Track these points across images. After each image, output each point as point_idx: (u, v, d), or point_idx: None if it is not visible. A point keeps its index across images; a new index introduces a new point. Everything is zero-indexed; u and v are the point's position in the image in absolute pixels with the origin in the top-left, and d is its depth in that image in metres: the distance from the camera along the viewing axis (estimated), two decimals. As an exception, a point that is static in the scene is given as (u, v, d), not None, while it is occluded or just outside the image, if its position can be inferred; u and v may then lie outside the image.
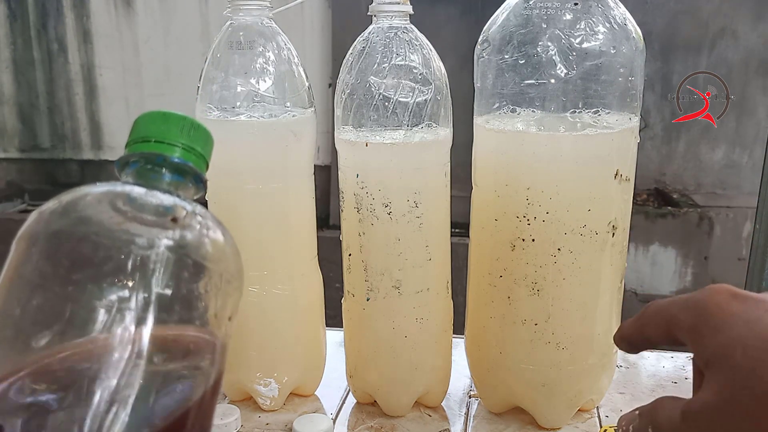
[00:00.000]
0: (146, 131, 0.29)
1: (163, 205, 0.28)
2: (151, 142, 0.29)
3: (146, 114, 0.30)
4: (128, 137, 0.30)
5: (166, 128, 0.29)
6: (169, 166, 0.29)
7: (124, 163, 0.29)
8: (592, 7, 0.47)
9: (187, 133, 0.29)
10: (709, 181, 2.44)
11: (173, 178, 0.29)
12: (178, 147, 0.29)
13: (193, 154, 0.30)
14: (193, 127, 0.30)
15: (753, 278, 0.57)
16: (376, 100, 0.50)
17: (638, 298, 2.15)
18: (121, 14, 2.68)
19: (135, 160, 0.29)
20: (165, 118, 0.29)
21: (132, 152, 0.29)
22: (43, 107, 2.82)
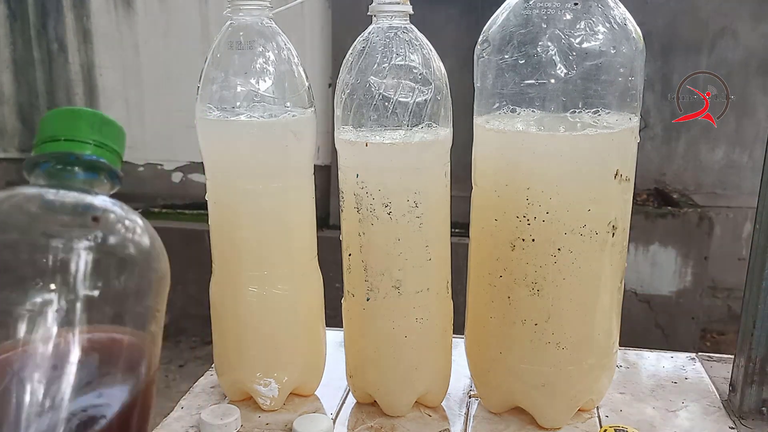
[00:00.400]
0: (55, 130, 0.28)
1: (80, 204, 0.27)
2: (61, 140, 0.28)
3: (54, 111, 0.29)
4: (36, 137, 0.29)
5: (75, 125, 0.28)
6: (82, 164, 0.28)
7: (33, 164, 0.28)
8: (592, 7, 0.47)
9: (98, 129, 0.29)
10: (709, 181, 2.44)
11: (87, 175, 0.28)
12: (90, 144, 0.28)
13: (106, 150, 0.29)
14: (104, 123, 0.29)
15: (753, 278, 0.57)
16: (376, 100, 0.50)
17: (638, 298, 2.15)
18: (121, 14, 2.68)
19: (45, 161, 0.28)
20: (74, 115, 0.28)
21: (41, 153, 0.28)
22: (43, 107, 2.81)
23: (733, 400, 0.59)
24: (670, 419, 0.57)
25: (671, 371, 0.66)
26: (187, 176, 2.74)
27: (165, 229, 2.09)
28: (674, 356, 0.69)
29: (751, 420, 0.57)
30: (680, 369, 0.66)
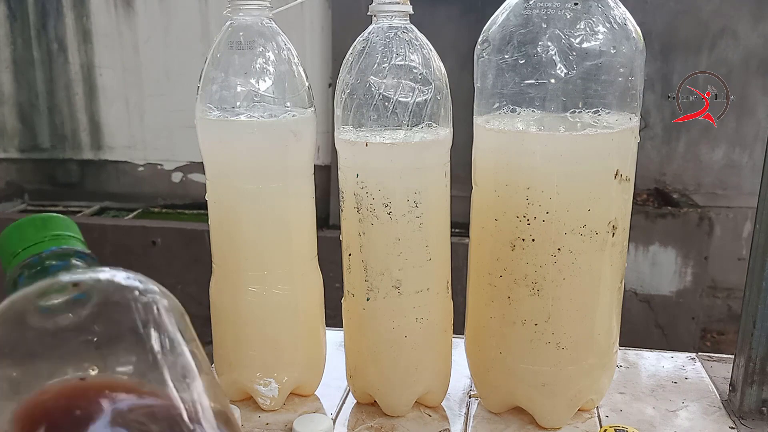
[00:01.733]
0: (11, 247, 0.30)
1: (64, 282, 0.28)
2: (20, 252, 0.29)
3: (2, 234, 0.30)
4: (2, 265, 0.30)
5: (22, 235, 0.30)
6: (47, 259, 0.29)
7: (13, 283, 0.29)
8: (592, 7, 0.47)
9: (42, 226, 0.30)
10: (709, 181, 2.44)
11: (58, 266, 0.29)
12: (44, 241, 0.30)
13: (61, 240, 0.30)
14: (44, 220, 0.30)
15: (753, 278, 0.57)
16: (376, 100, 0.50)
17: (638, 298, 2.15)
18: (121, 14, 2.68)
19: (19, 275, 0.29)
20: (18, 228, 0.30)
21: (11, 272, 0.30)
22: (43, 107, 2.82)
23: (733, 400, 0.59)
24: (670, 419, 0.57)
25: (671, 371, 0.66)
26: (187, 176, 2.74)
27: (165, 229, 2.10)
28: (674, 356, 0.69)
29: (751, 420, 0.57)
30: (680, 369, 0.66)
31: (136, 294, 0.28)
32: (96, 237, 2.33)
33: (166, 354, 0.27)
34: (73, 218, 0.30)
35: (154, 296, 0.28)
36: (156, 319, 0.28)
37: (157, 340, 0.27)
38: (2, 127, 2.86)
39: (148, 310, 0.28)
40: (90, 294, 0.27)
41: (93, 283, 0.28)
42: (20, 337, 0.27)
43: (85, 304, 0.27)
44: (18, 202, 2.89)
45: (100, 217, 2.73)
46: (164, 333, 0.28)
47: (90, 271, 0.29)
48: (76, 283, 0.28)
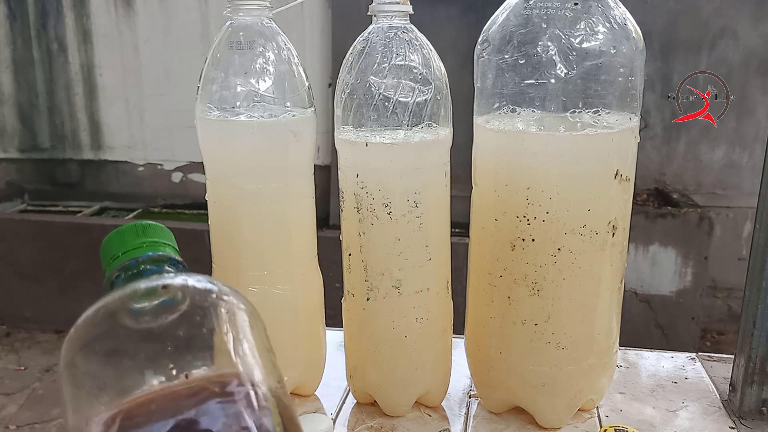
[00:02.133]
0: (111, 250, 0.32)
1: (154, 286, 0.30)
2: (119, 255, 0.31)
3: (105, 239, 0.32)
4: (103, 266, 0.32)
5: (123, 240, 0.32)
6: (144, 263, 0.31)
7: (110, 284, 0.31)
8: (592, 7, 0.47)
9: (142, 233, 0.32)
10: (709, 181, 2.44)
11: (152, 270, 0.31)
12: (142, 247, 0.32)
13: (157, 246, 0.32)
14: (144, 228, 0.32)
15: (753, 278, 0.57)
16: (376, 100, 0.50)
17: (638, 298, 2.15)
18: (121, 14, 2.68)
19: (117, 276, 0.31)
20: (119, 234, 0.32)
21: (110, 273, 0.31)
22: (42, 107, 2.82)
23: (733, 400, 0.59)
24: (670, 419, 0.57)
25: (671, 371, 0.66)
26: (187, 176, 2.74)
27: (165, 229, 2.05)
28: (674, 356, 0.69)
29: (751, 420, 0.57)
30: (680, 369, 0.66)
31: (220, 300, 0.30)
32: (96, 237, 2.33)
33: (244, 359, 0.29)
34: (72, 218, 0.31)
35: (236, 303, 0.30)
36: (237, 324, 0.29)
37: (237, 344, 0.29)
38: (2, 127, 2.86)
39: (231, 315, 0.29)
40: (177, 297, 0.29)
41: (181, 287, 0.30)
42: (110, 334, 0.29)
43: (172, 308, 0.29)
44: (18, 202, 2.89)
45: (100, 217, 2.73)
46: (243, 338, 0.30)
47: (179, 276, 0.31)
48: (166, 286, 0.30)
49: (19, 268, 2.39)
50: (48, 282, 2.37)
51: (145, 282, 0.30)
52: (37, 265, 2.38)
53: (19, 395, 1.95)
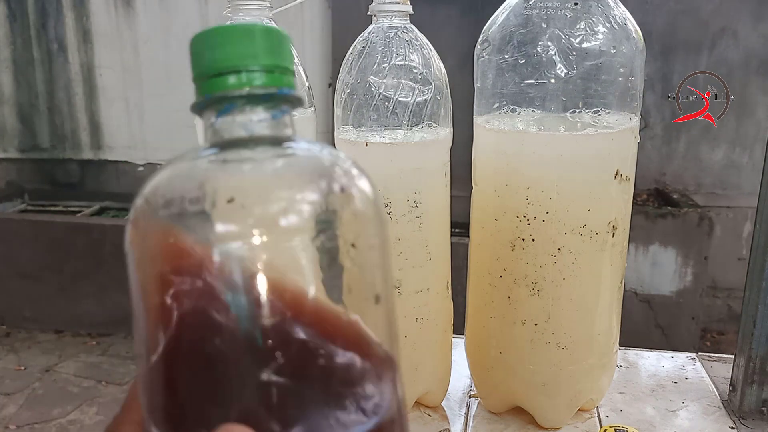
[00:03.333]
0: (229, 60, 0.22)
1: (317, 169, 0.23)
2: (241, 73, 0.21)
3: (221, 30, 0.22)
4: (198, 64, 0.22)
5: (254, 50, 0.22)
6: (276, 101, 0.22)
7: (210, 104, 0.23)
8: (592, 7, 0.47)
9: (277, 49, 0.22)
10: (709, 181, 2.44)
11: (278, 113, 0.23)
12: (275, 73, 0.22)
13: (287, 75, 0.22)
14: (281, 40, 0.22)
15: (753, 278, 0.57)
16: (376, 99, 0.50)
17: (638, 298, 2.15)
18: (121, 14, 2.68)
19: (230, 102, 0.22)
20: (249, 35, 0.22)
21: (220, 90, 0.22)
22: (42, 107, 2.82)
23: (733, 399, 0.59)
24: (670, 419, 0.57)
25: (671, 371, 0.66)
26: (187, 176, 2.74)
27: (165, 229, 2.09)
28: (674, 356, 0.69)
29: (751, 420, 0.57)
30: (680, 369, 0.66)
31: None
32: (96, 237, 2.33)
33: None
34: (72, 218, 0.25)
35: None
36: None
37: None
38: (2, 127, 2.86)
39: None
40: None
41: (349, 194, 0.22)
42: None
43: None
44: (18, 202, 2.89)
45: (100, 217, 2.73)
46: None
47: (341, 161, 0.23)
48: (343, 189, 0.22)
49: (19, 268, 2.39)
50: (48, 282, 2.37)
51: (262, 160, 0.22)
52: (37, 265, 2.38)
53: (19, 395, 1.95)
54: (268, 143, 0.22)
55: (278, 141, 0.22)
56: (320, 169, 0.23)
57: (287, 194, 0.21)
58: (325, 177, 0.22)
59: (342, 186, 0.22)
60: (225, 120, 0.22)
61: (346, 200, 0.22)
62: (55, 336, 2.35)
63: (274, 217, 0.20)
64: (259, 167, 0.22)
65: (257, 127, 0.22)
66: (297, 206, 0.21)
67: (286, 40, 0.22)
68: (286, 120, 0.23)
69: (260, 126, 0.22)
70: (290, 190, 0.21)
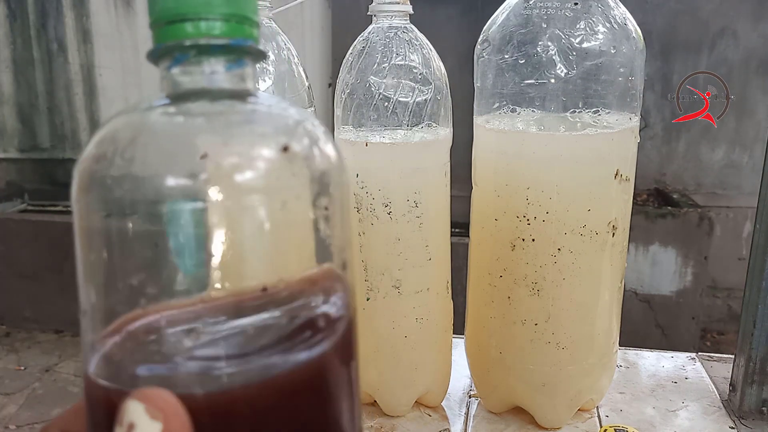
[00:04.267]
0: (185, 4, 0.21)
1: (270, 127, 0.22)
2: (196, 20, 0.20)
3: None
4: (153, 11, 0.21)
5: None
6: (231, 53, 0.21)
7: (163, 53, 0.21)
8: (592, 6, 0.47)
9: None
10: (709, 181, 2.44)
11: (235, 66, 0.22)
12: (232, 22, 0.21)
13: (247, 25, 0.21)
14: None
15: (753, 278, 0.57)
16: (376, 99, 0.50)
17: (638, 298, 2.15)
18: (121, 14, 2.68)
19: (182, 51, 0.21)
20: None
21: (174, 38, 0.21)
22: (42, 107, 2.82)
23: (733, 399, 0.59)
24: (670, 419, 0.57)
25: (671, 371, 0.66)
26: (187, 176, 2.74)
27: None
28: (674, 356, 0.69)
29: (751, 420, 0.57)
30: (680, 369, 0.66)
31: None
32: (96, 237, 2.33)
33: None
34: (72, 218, 0.25)
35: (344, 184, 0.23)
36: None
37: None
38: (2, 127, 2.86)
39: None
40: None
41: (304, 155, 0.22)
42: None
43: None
44: (18, 202, 2.89)
45: (100, 217, 2.73)
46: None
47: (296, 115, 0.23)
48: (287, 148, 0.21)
49: (19, 268, 2.39)
50: (48, 282, 2.37)
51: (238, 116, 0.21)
52: (37, 265, 2.38)
53: (18, 395, 1.95)
54: (226, 96, 0.21)
55: (237, 95, 0.22)
56: (281, 126, 0.22)
57: (241, 150, 0.20)
58: (286, 135, 0.21)
59: (303, 146, 0.22)
60: (177, 70, 0.21)
61: (307, 160, 0.22)
62: (55, 336, 2.35)
63: (227, 174, 0.20)
64: (211, 120, 0.21)
65: (211, 80, 0.21)
66: (251, 163, 0.20)
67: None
68: (245, 72, 0.22)
69: (214, 78, 0.21)
70: (245, 146, 0.21)
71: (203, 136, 0.21)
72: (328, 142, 0.23)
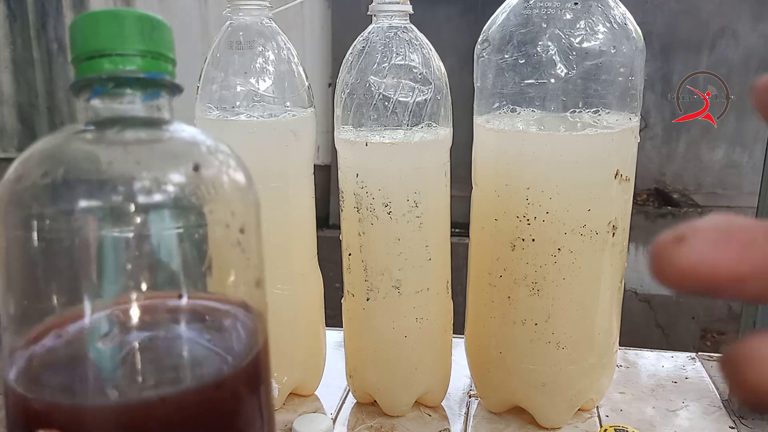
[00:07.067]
0: (101, 41, 0.22)
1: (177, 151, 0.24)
2: (112, 56, 0.22)
3: (89, 15, 0.23)
4: (73, 48, 0.23)
5: (123, 35, 0.23)
6: (144, 85, 0.23)
7: (83, 86, 0.23)
8: (592, 6, 0.47)
9: (149, 35, 0.23)
10: (709, 181, 2.44)
11: (149, 97, 0.24)
12: (147, 57, 0.23)
13: (162, 61, 0.24)
14: (154, 28, 0.24)
15: (753, 278, 0.57)
16: (375, 99, 0.50)
17: (638, 298, 2.15)
18: (121, 14, 2.68)
19: (99, 84, 0.23)
20: (118, 20, 0.23)
21: (92, 72, 0.22)
22: (42, 107, 2.82)
23: (733, 399, 0.59)
24: (670, 419, 0.57)
25: (671, 371, 0.66)
26: (187, 176, 2.74)
27: (165, 229, 2.11)
28: (674, 356, 0.69)
29: (751, 420, 0.57)
30: (680, 368, 0.66)
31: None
32: (96, 237, 2.33)
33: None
34: None
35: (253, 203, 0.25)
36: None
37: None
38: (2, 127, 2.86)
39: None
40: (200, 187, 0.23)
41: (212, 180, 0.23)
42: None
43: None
44: (18, 202, 2.89)
45: (100, 217, 2.73)
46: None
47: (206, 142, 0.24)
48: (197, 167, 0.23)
49: (19, 268, 2.39)
50: (48, 282, 2.37)
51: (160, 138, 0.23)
52: (37, 265, 2.37)
53: (19, 395, 1.95)
54: (141, 125, 0.23)
55: (152, 123, 0.24)
56: (190, 153, 0.24)
57: (149, 175, 0.22)
58: (192, 160, 0.23)
59: (213, 167, 0.24)
60: (96, 101, 0.23)
61: (213, 186, 0.23)
62: (55, 336, 2.35)
63: (134, 195, 0.21)
64: (125, 147, 0.23)
65: (126, 109, 0.23)
66: (158, 186, 0.22)
67: (162, 26, 0.24)
68: (159, 103, 0.24)
69: (130, 108, 0.23)
70: (153, 171, 0.22)
71: (119, 159, 0.23)
72: (239, 167, 0.25)
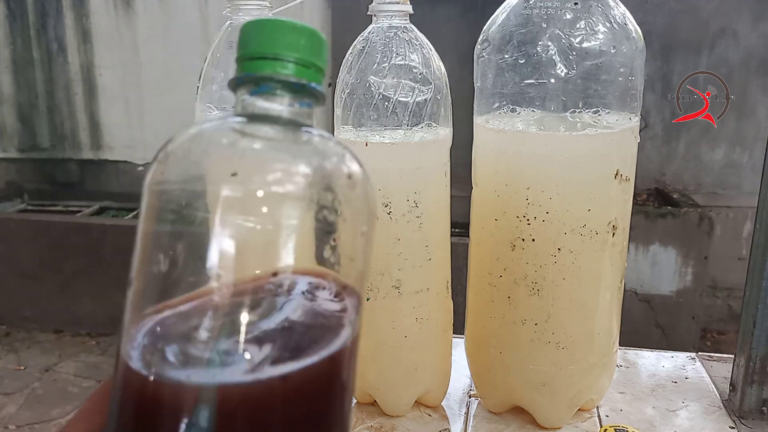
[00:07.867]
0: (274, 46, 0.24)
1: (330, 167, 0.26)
2: (283, 61, 0.24)
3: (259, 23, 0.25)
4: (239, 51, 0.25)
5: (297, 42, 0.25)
6: (303, 92, 0.25)
7: (247, 82, 0.25)
8: (592, 6, 0.47)
9: (318, 50, 0.25)
10: (709, 181, 2.44)
11: (303, 104, 0.26)
12: (310, 69, 0.25)
13: (314, 71, 0.25)
14: (320, 43, 0.25)
15: (753, 278, 0.57)
16: (375, 99, 0.50)
17: (638, 298, 2.15)
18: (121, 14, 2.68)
19: (258, 86, 0.25)
20: (296, 31, 0.25)
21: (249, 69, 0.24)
22: (42, 107, 2.82)
23: (733, 399, 0.59)
24: (670, 419, 0.57)
25: (671, 371, 0.66)
26: (187, 176, 2.74)
27: (165, 229, 2.09)
28: (674, 356, 0.69)
29: (751, 420, 0.57)
30: (680, 369, 0.66)
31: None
32: (96, 237, 2.33)
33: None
34: (72, 218, 0.27)
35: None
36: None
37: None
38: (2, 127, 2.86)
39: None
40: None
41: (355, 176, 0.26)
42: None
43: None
44: (18, 201, 2.89)
45: (100, 217, 2.73)
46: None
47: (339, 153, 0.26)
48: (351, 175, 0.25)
49: (19, 267, 2.39)
50: (48, 282, 2.37)
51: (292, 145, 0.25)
52: (37, 265, 2.37)
53: (18, 395, 1.95)
54: (288, 125, 0.25)
55: (297, 125, 0.25)
56: (326, 156, 0.26)
57: (291, 168, 0.24)
58: (328, 161, 0.26)
59: (342, 174, 0.26)
60: (256, 98, 0.25)
61: (343, 187, 0.26)
62: (54, 336, 2.35)
63: (278, 184, 0.24)
64: (273, 142, 0.25)
65: (282, 110, 0.25)
66: (294, 179, 0.24)
67: (325, 44, 0.26)
68: (308, 111, 0.26)
69: (285, 110, 0.25)
70: (293, 165, 0.25)
71: (267, 154, 0.25)
72: (365, 175, 0.27)
